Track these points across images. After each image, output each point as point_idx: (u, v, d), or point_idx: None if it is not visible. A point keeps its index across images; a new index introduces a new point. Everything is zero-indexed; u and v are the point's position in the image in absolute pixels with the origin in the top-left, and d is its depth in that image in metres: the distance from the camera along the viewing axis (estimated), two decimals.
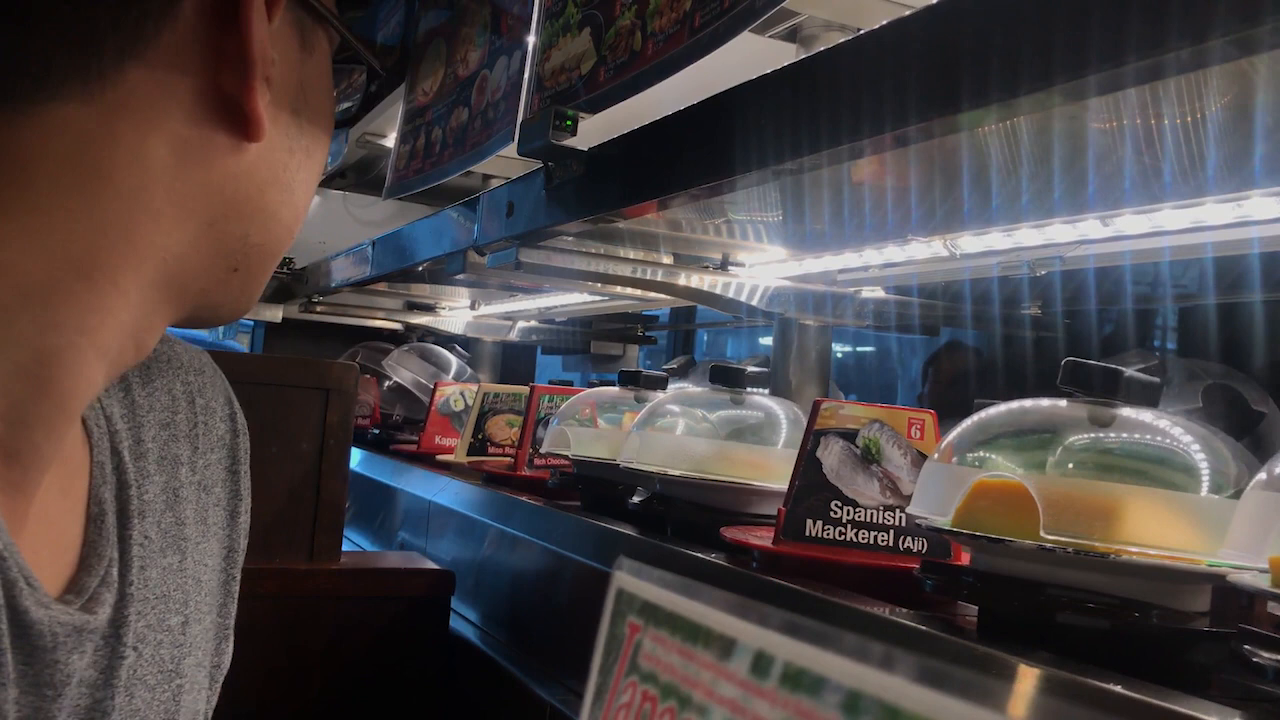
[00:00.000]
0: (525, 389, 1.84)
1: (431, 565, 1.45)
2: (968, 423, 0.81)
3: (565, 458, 1.44)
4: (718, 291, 1.56)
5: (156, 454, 0.61)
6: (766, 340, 2.41)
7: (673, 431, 1.22)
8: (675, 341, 3.53)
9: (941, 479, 0.79)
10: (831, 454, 0.98)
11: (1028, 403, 0.80)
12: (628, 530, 1.19)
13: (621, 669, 0.40)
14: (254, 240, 0.56)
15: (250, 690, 1.27)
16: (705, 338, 4.19)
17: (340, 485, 1.41)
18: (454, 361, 2.71)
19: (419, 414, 2.54)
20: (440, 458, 2.03)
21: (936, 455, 0.84)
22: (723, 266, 1.54)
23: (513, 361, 3.17)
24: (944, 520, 0.77)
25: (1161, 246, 1.12)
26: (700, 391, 1.25)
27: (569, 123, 1.17)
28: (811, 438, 0.98)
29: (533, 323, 2.86)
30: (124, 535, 0.56)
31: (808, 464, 0.98)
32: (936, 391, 2.61)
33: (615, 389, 1.56)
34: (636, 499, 1.21)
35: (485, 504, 1.59)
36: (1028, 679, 0.63)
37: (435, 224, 1.79)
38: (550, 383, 1.94)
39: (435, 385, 2.21)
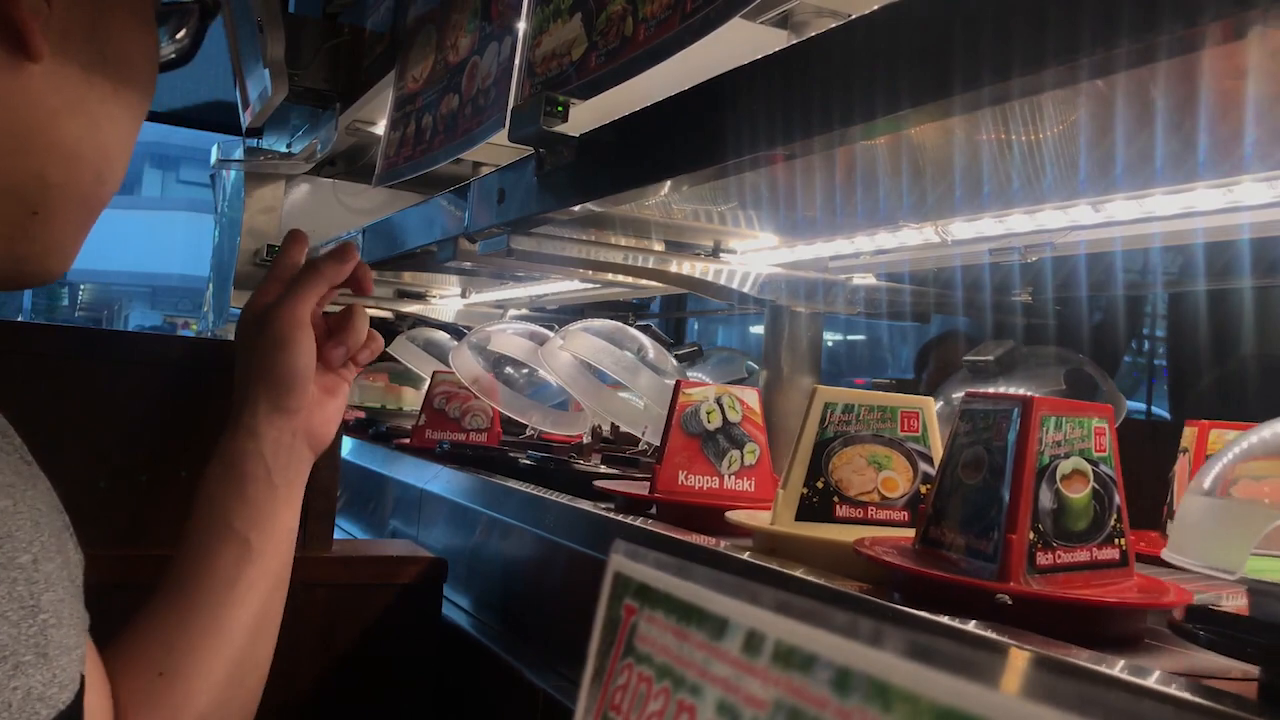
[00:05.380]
0: (910, 397, 0.99)
1: (424, 553, 1.45)
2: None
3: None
4: (709, 279, 1.56)
5: None
6: (757, 329, 2.37)
7: None
8: (667, 330, 3.54)
9: None
10: None
11: None
12: None
13: (618, 651, 0.40)
14: (52, 179, 0.54)
15: None
16: (696, 326, 4.20)
17: (331, 473, 1.40)
18: (649, 345, 1.63)
19: (567, 427, 1.90)
20: (733, 517, 1.04)
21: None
22: (714, 253, 1.54)
23: None
24: None
25: (1152, 233, 1.12)
26: None
27: (560, 109, 1.16)
28: None
29: (524, 311, 2.85)
30: None
31: None
32: (935, 380, 2.62)
33: None
34: None
35: (476, 491, 1.59)
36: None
37: (426, 211, 1.78)
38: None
39: (678, 385, 1.24)
